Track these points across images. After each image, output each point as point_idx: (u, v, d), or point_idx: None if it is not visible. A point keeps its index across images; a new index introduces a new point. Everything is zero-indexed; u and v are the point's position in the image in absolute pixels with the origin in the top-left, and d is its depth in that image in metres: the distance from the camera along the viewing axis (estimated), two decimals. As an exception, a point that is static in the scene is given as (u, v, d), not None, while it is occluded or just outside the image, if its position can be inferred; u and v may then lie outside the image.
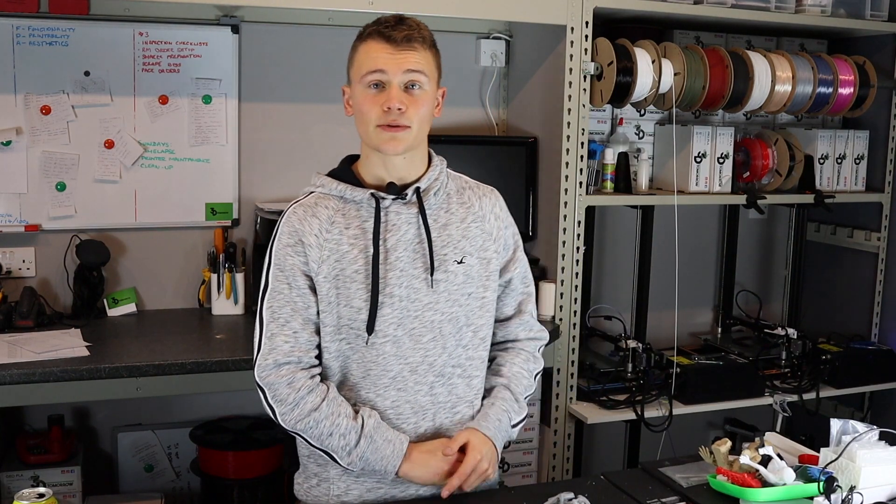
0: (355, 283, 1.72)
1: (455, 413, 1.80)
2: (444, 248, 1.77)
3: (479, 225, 1.82)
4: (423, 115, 1.73)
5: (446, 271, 1.76)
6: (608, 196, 3.06)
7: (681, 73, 2.97)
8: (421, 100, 1.72)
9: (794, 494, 1.69)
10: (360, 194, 1.75)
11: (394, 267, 1.74)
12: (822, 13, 3.15)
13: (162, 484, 3.04)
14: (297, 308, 1.74)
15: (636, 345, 3.01)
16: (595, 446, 3.45)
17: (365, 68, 1.71)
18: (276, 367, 1.72)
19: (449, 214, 1.80)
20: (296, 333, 1.73)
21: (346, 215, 1.75)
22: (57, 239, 2.88)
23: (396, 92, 1.69)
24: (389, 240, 1.74)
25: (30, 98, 2.79)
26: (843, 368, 3.22)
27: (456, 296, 1.77)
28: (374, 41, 1.71)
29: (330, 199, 1.76)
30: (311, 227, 1.73)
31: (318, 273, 1.73)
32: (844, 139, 3.41)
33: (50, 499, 1.43)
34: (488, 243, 1.83)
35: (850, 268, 3.59)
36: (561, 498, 1.69)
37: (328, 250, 1.73)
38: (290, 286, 1.74)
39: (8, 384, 2.27)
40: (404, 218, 1.76)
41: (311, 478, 1.82)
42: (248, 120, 3.03)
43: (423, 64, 1.72)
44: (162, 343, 2.61)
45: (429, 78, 1.74)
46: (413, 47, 1.71)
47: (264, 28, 3.00)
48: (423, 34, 1.73)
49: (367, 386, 1.76)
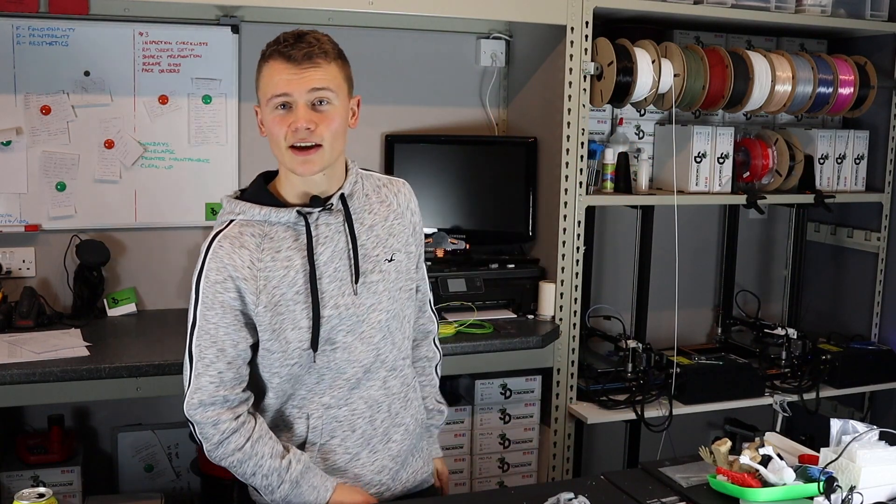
0: (299, 305, 1.71)
1: (406, 399, 1.87)
2: (374, 248, 1.79)
3: (399, 221, 1.84)
4: (334, 130, 1.68)
5: (382, 271, 1.79)
6: (608, 196, 3.06)
7: (681, 73, 2.97)
8: (330, 116, 1.67)
9: (794, 494, 1.69)
10: (286, 214, 1.71)
11: (334, 278, 1.74)
12: (822, 13, 3.15)
13: (162, 484, 3.04)
14: (223, 347, 1.70)
15: (636, 345, 3.01)
16: (595, 446, 3.45)
17: (269, 91, 1.66)
18: (202, 406, 1.70)
19: (373, 215, 1.81)
20: (220, 374, 1.70)
21: (274, 238, 1.71)
22: (57, 239, 2.88)
23: (303, 112, 1.65)
24: (324, 253, 1.73)
25: (30, 98, 2.79)
26: (843, 368, 3.22)
27: (393, 292, 1.81)
28: (275, 62, 1.66)
29: (253, 226, 1.71)
30: (242, 259, 1.68)
31: (258, 304, 1.69)
32: (844, 139, 3.41)
33: (50, 499, 1.43)
34: (410, 237, 1.86)
35: (850, 268, 3.59)
36: (561, 498, 1.69)
37: (263, 279, 1.69)
38: (217, 325, 1.70)
39: (8, 384, 2.27)
40: (333, 228, 1.75)
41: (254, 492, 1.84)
42: (248, 120, 3.02)
43: (327, 80, 1.66)
44: (162, 343, 2.61)
45: (336, 93, 1.68)
46: (315, 63, 1.65)
47: (264, 28, 3.00)
48: (324, 48, 1.67)
49: (322, 390, 1.77)
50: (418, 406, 1.91)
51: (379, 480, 1.83)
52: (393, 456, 1.84)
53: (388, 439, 1.83)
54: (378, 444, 1.82)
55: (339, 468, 1.80)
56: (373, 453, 1.82)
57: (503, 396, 2.95)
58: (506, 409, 2.96)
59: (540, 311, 2.96)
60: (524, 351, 2.79)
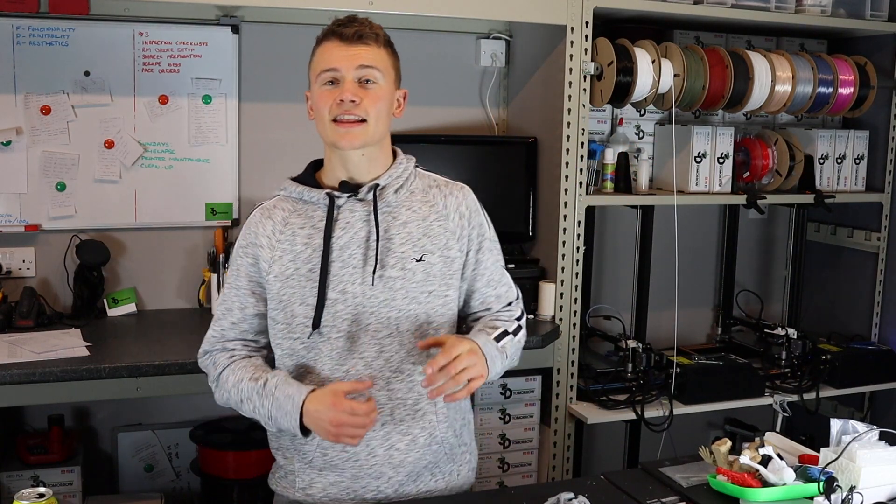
0: (310, 282, 1.75)
1: (416, 409, 1.78)
2: (402, 245, 1.77)
3: (442, 223, 1.81)
4: (379, 109, 1.74)
5: (404, 269, 1.76)
6: (608, 196, 3.06)
7: (681, 73, 2.97)
8: (376, 94, 1.74)
9: (794, 494, 1.69)
10: (316, 194, 1.78)
11: (347, 264, 1.75)
12: (822, 13, 3.15)
13: (162, 484, 3.04)
14: (230, 307, 1.83)
15: (636, 345, 3.01)
16: (595, 446, 3.45)
17: (319, 67, 1.75)
18: (205, 354, 1.87)
19: (410, 212, 1.80)
20: (223, 331, 1.84)
21: (302, 216, 1.78)
22: (57, 239, 2.88)
23: (350, 85, 1.72)
24: (342, 237, 1.75)
25: (30, 98, 2.79)
26: (843, 368, 3.22)
27: (415, 293, 1.77)
28: (327, 41, 1.75)
29: (288, 202, 1.81)
30: (265, 228, 1.79)
31: (269, 273, 1.77)
32: (844, 139, 3.41)
33: (50, 499, 1.43)
34: (452, 242, 1.81)
35: (850, 268, 3.59)
36: (561, 498, 1.69)
37: (280, 250, 1.77)
38: (231, 286, 1.83)
39: (8, 384, 2.27)
40: (358, 216, 1.77)
41: (279, 469, 1.88)
42: (248, 120, 3.03)
43: (375, 59, 1.74)
44: (162, 343, 2.61)
45: (383, 73, 1.75)
46: (365, 43, 1.73)
47: (264, 28, 3.00)
48: (375, 31, 1.75)
49: (323, 378, 1.77)
50: (437, 423, 1.81)
51: (377, 486, 1.79)
52: (395, 465, 1.78)
53: (389, 445, 1.77)
54: (378, 447, 1.77)
55: (336, 465, 1.79)
56: (371, 456, 1.78)
57: (503, 396, 2.95)
58: (506, 409, 2.96)
59: (540, 311, 2.96)
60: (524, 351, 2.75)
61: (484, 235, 1.87)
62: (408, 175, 1.82)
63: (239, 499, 2.88)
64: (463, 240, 1.83)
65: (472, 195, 1.88)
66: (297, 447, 1.81)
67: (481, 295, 1.88)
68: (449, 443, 1.85)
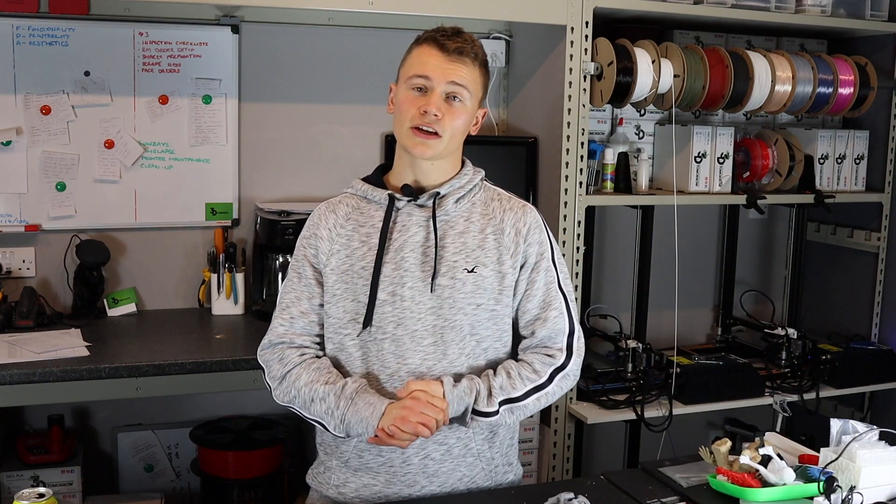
0: (362, 280, 1.77)
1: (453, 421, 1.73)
2: (455, 254, 1.77)
3: (497, 238, 1.80)
4: (457, 126, 1.76)
5: (454, 278, 1.76)
6: (608, 196, 3.06)
7: (681, 73, 2.97)
8: (458, 112, 1.76)
9: (794, 494, 1.69)
10: (379, 194, 1.81)
11: (399, 266, 1.76)
12: (822, 13, 3.14)
13: (162, 484, 3.04)
14: (299, 296, 1.83)
15: (636, 345, 3.01)
16: (595, 446, 3.45)
17: (412, 71, 1.76)
18: (271, 346, 1.83)
19: (468, 223, 1.80)
20: (292, 319, 1.83)
21: (364, 213, 1.82)
22: (57, 239, 2.88)
23: (437, 98, 1.74)
24: (398, 239, 1.77)
25: (30, 98, 2.80)
26: (843, 368, 3.22)
27: (462, 304, 1.77)
28: (428, 46, 1.77)
29: (353, 199, 1.85)
30: (327, 221, 1.82)
31: (327, 265, 1.80)
32: (844, 139, 3.40)
33: (50, 499, 1.43)
34: (505, 257, 1.80)
35: (850, 268, 3.58)
36: (561, 498, 1.69)
37: (339, 245, 1.80)
38: (299, 275, 1.84)
39: (8, 384, 2.27)
40: (416, 220, 1.78)
41: (319, 465, 1.89)
42: (248, 120, 3.03)
43: (468, 79, 1.76)
44: (162, 343, 2.61)
45: (471, 94, 1.78)
46: (463, 61, 1.76)
47: (264, 28, 3.00)
48: (475, 50, 1.78)
49: (368, 379, 1.76)
50: (473, 435, 1.79)
51: (408, 494, 1.78)
52: (429, 475, 1.78)
53: (424, 455, 1.77)
54: (413, 456, 1.77)
55: (371, 468, 1.79)
56: (405, 464, 1.77)
57: (503, 396, 2.94)
58: (506, 409, 2.95)
59: (540, 311, 2.95)
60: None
61: (542, 255, 1.84)
62: (472, 186, 1.83)
63: (239, 499, 2.88)
64: (517, 256, 1.81)
65: (535, 213, 1.86)
66: (336, 444, 1.81)
67: (530, 316, 1.84)
68: (486, 457, 1.83)
